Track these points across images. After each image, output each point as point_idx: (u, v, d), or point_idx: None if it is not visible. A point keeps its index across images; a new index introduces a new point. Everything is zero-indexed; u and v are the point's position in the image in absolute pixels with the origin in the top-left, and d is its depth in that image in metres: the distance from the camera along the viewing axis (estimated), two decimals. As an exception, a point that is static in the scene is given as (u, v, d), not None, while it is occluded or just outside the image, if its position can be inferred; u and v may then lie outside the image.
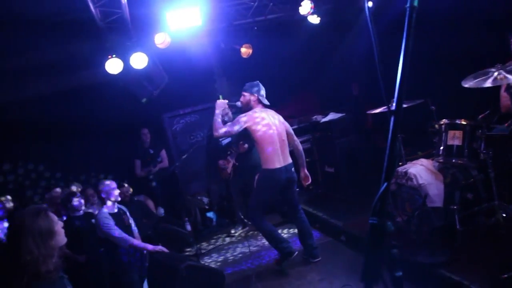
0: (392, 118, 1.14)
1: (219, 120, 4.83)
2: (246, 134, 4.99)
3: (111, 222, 4.53)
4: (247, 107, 5.02)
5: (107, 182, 4.75)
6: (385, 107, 4.67)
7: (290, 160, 4.98)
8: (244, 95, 5.03)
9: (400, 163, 4.78)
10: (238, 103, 5.09)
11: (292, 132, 5.21)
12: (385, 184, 1.12)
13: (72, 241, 5.25)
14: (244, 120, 4.80)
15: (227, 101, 5.07)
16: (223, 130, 4.78)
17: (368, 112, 5.52)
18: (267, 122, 4.86)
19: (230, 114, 6.13)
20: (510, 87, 3.99)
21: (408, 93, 1.16)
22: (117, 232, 4.47)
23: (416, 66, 1.14)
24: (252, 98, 4.98)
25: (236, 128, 4.78)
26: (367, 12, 1.25)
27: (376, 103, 5.36)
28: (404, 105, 1.16)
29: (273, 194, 5.03)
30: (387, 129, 1.19)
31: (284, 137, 4.99)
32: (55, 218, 2.23)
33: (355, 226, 5.42)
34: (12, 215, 5.45)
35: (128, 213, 4.87)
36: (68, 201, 5.33)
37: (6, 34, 5.55)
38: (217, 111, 4.89)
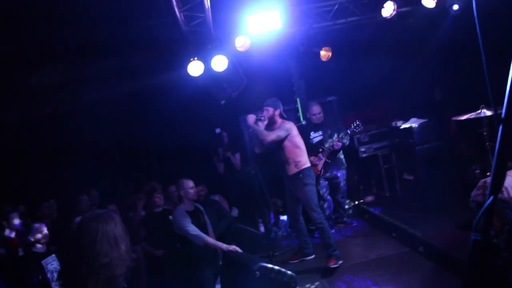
0: (501, 127, 1.05)
1: (261, 128, 5.51)
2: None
3: (187, 219, 4.68)
4: (271, 120, 5.64)
5: (185, 180, 4.92)
6: (474, 113, 4.38)
7: None
8: (267, 110, 5.63)
9: (488, 173, 4.48)
10: (263, 117, 5.59)
11: None
12: (492, 197, 1.04)
13: (151, 236, 5.54)
14: (288, 127, 5.55)
15: (255, 116, 5.60)
16: (273, 135, 5.48)
17: (453, 118, 5.24)
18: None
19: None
20: None
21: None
22: (192, 229, 4.60)
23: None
24: (276, 112, 5.64)
25: (283, 133, 5.51)
26: (475, 11, 1.17)
27: (460, 109, 5.08)
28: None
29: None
30: (473, 137, 1.11)
31: None
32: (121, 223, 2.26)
33: (435, 237, 5.16)
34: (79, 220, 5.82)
35: (204, 212, 5.01)
36: (150, 197, 5.58)
37: (92, 36, 5.92)
38: (251, 123, 5.56)
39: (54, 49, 6.12)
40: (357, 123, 6.72)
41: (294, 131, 5.60)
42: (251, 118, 5.56)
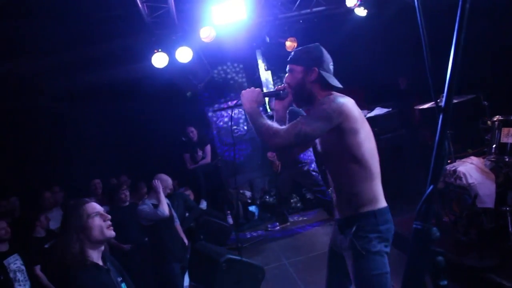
0: (441, 116, 1.07)
1: (262, 119, 2.55)
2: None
3: (148, 207, 4.65)
4: (301, 94, 4.65)
5: (165, 175, 4.90)
6: (434, 102, 4.48)
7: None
8: (292, 71, 4.43)
9: (449, 161, 4.59)
10: (284, 88, 4.88)
11: None
12: (432, 186, 1.06)
13: (118, 231, 5.46)
14: (337, 108, 4.25)
15: (258, 90, 2.85)
16: (289, 132, 2.39)
17: (416, 107, 5.34)
18: (366, 122, 4.51)
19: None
20: None
21: (458, 87, 1.08)
22: (154, 210, 4.57)
23: (467, 58, 1.06)
24: (312, 75, 4.35)
25: (322, 125, 4.02)
26: (416, 3, 1.18)
27: (424, 98, 5.18)
28: (454, 101, 1.09)
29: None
30: (435, 125, 1.12)
31: None
32: (95, 210, 2.30)
33: (399, 225, 5.23)
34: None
35: (170, 206, 4.96)
36: (115, 193, 5.49)
37: (54, 28, 5.76)
38: (251, 107, 2.74)
39: (14, 42, 5.92)
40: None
41: (355, 118, 2.43)
42: (252, 96, 2.61)
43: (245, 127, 9.09)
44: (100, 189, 6.45)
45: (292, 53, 2.69)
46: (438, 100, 1.15)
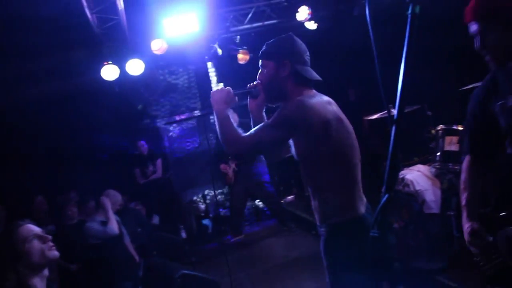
0: (394, 127, 1.12)
1: (230, 125, 2.45)
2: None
3: (101, 227, 4.52)
4: (273, 89, 4.29)
5: (115, 192, 4.78)
6: (383, 112, 4.62)
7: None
8: (265, 65, 4.16)
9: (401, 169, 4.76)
10: (255, 86, 4.77)
11: None
12: (386, 195, 1.09)
13: (65, 250, 5.24)
14: (302, 113, 3.73)
15: (227, 89, 2.42)
16: (248, 139, 2.66)
17: (365, 118, 5.51)
18: (342, 122, 4.31)
19: None
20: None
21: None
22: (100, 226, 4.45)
23: (411, 70, 1.11)
24: (284, 70, 3.91)
25: (280, 133, 3.77)
26: (368, 17, 1.23)
27: (372, 109, 5.34)
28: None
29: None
30: (384, 135, 1.17)
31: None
32: (31, 233, 2.07)
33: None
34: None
35: (120, 222, 4.85)
36: (61, 210, 5.30)
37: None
38: (220, 108, 2.19)
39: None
40: None
41: (326, 123, 2.28)
42: (222, 96, 2.39)
43: (197, 140, 9.03)
44: (44, 206, 6.17)
45: (264, 46, 2.44)
46: (390, 112, 1.19)
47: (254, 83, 2.47)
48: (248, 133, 2.21)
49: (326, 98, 2.36)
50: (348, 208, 2.15)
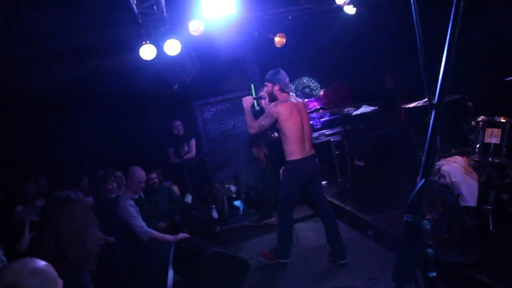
0: (433, 112, 1.09)
1: (250, 117, 4.82)
2: (274, 124, 4.84)
3: (135, 209, 4.62)
4: (272, 97, 4.87)
5: (138, 171, 4.85)
6: (422, 100, 4.52)
7: (313, 151, 4.92)
8: (266, 85, 4.87)
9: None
10: (263, 94, 5.01)
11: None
12: (423, 180, 1.08)
13: (103, 222, 5.40)
14: (275, 111, 4.67)
15: (251, 97, 5.02)
16: (256, 125, 4.71)
17: (402, 106, 5.40)
18: (295, 113, 4.72)
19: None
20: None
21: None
22: (139, 223, 4.55)
23: (454, 56, 1.08)
24: (275, 88, 4.78)
25: (268, 121, 4.68)
26: (412, 2, 1.20)
27: (410, 97, 5.22)
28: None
29: (300, 186, 4.83)
30: (421, 124, 1.15)
31: (309, 129, 4.92)
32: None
33: (384, 221, 5.33)
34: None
35: (144, 199, 4.97)
36: (102, 184, 5.45)
37: (40, 17, 5.66)
38: (246, 108, 4.90)
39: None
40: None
41: (284, 114, 4.65)
42: (247, 101, 4.94)
43: (231, 122, 9.09)
44: (86, 180, 6.40)
45: (266, 75, 4.91)
46: (430, 98, 1.17)
47: (263, 92, 5.02)
48: (257, 121, 4.76)
49: (293, 99, 4.91)
50: (292, 154, 4.75)
